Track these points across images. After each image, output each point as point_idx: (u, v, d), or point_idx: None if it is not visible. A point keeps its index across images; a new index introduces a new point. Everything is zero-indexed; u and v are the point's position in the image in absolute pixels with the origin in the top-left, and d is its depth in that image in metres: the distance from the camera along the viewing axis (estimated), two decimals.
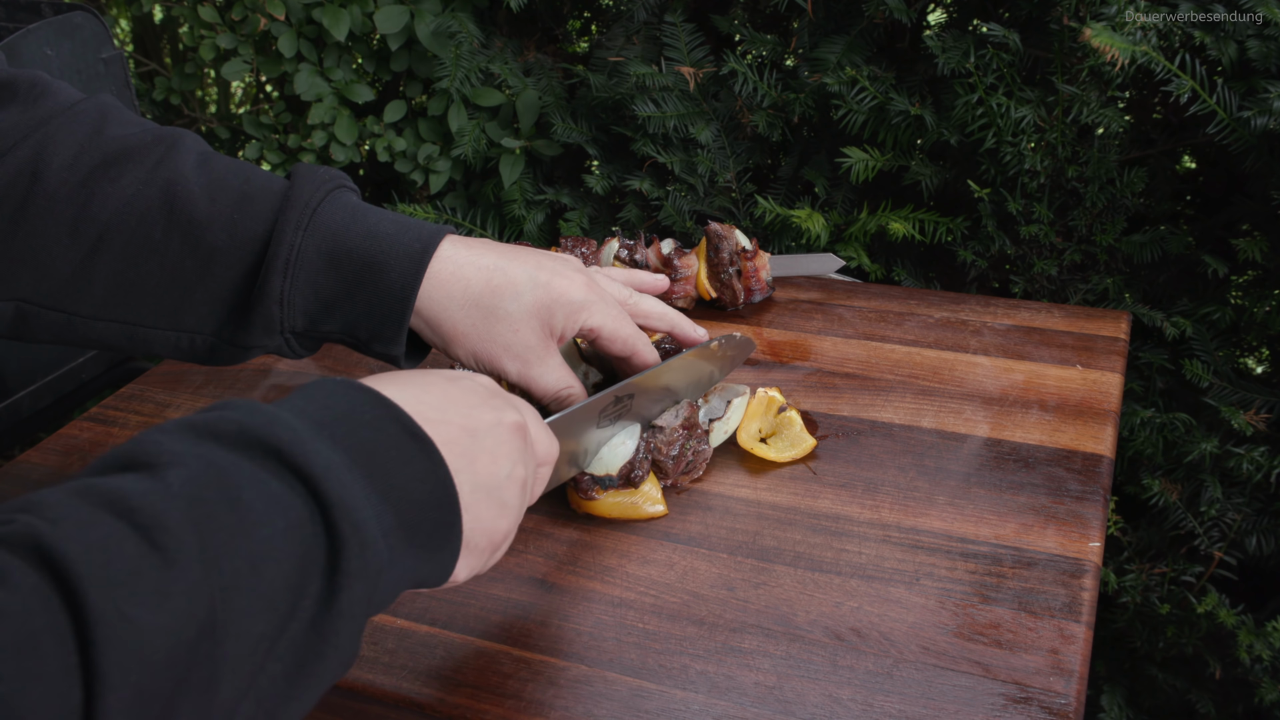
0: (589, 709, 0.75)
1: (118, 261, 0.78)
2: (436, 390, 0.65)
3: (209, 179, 0.79)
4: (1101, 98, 1.34)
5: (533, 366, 0.84)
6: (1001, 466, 0.97)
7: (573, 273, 0.86)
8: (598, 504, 0.91)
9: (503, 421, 0.67)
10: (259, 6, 1.75)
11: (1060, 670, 0.76)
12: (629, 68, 1.57)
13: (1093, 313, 1.22)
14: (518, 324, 0.82)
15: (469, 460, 0.63)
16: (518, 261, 0.84)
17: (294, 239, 0.78)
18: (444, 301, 0.81)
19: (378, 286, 0.79)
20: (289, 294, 0.79)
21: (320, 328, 0.81)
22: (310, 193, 0.79)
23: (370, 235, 0.80)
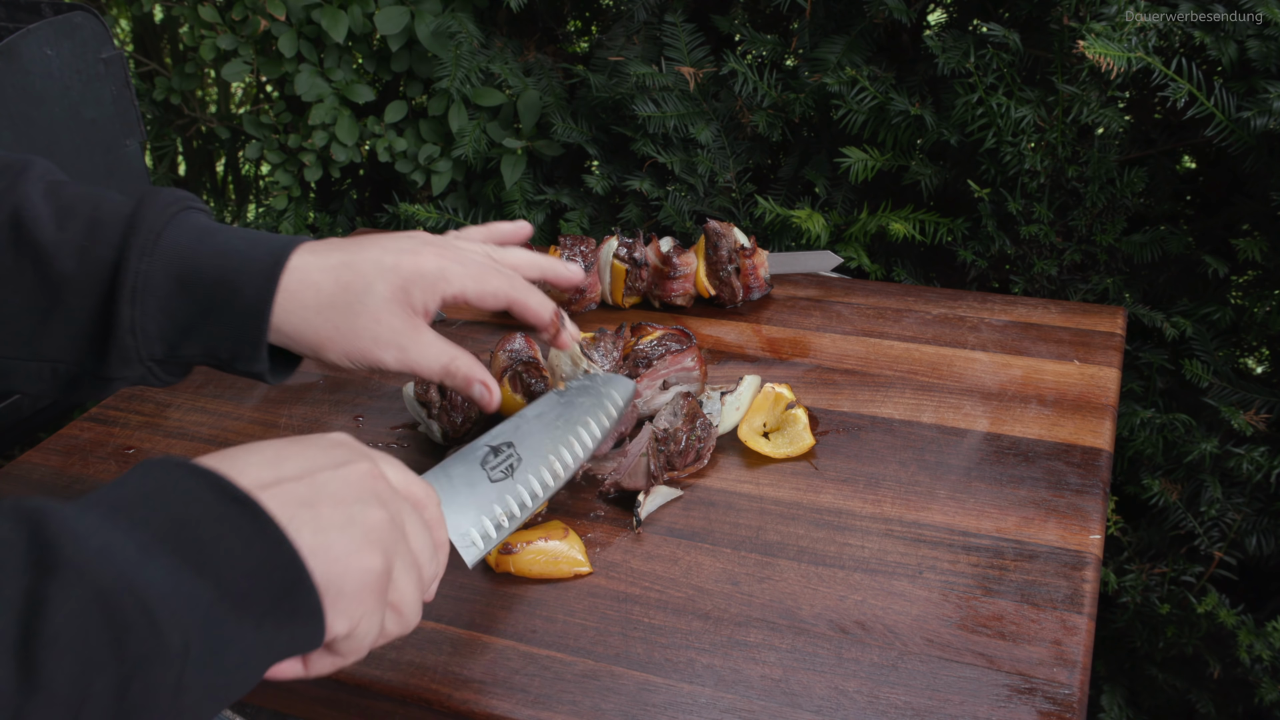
0: (596, 703, 0.75)
1: None
2: (270, 450, 0.61)
3: (57, 206, 0.77)
4: (1101, 98, 1.34)
5: (409, 349, 0.81)
6: (1001, 461, 0.97)
7: (420, 246, 0.83)
8: (517, 559, 0.87)
9: (348, 464, 0.62)
10: (259, 7, 1.75)
11: (1063, 661, 0.76)
12: (629, 68, 1.57)
13: (1089, 308, 1.22)
14: (378, 313, 0.80)
15: (309, 507, 0.58)
16: (364, 252, 0.81)
17: (139, 265, 0.75)
18: (299, 311, 0.78)
19: (231, 305, 0.77)
20: (140, 322, 0.76)
21: (179, 352, 0.79)
22: (155, 217, 0.77)
23: (219, 254, 0.77)
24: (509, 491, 0.80)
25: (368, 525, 0.60)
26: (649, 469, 0.92)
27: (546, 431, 0.87)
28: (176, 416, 1.12)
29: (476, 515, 0.77)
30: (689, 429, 0.96)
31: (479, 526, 0.77)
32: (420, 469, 1.00)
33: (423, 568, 0.64)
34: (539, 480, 0.83)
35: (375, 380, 1.15)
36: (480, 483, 0.79)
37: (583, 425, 0.89)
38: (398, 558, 0.62)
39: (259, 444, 0.62)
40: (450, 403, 1.00)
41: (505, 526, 0.78)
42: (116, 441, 1.08)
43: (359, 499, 0.61)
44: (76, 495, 0.99)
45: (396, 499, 0.64)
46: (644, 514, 0.92)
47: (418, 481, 0.68)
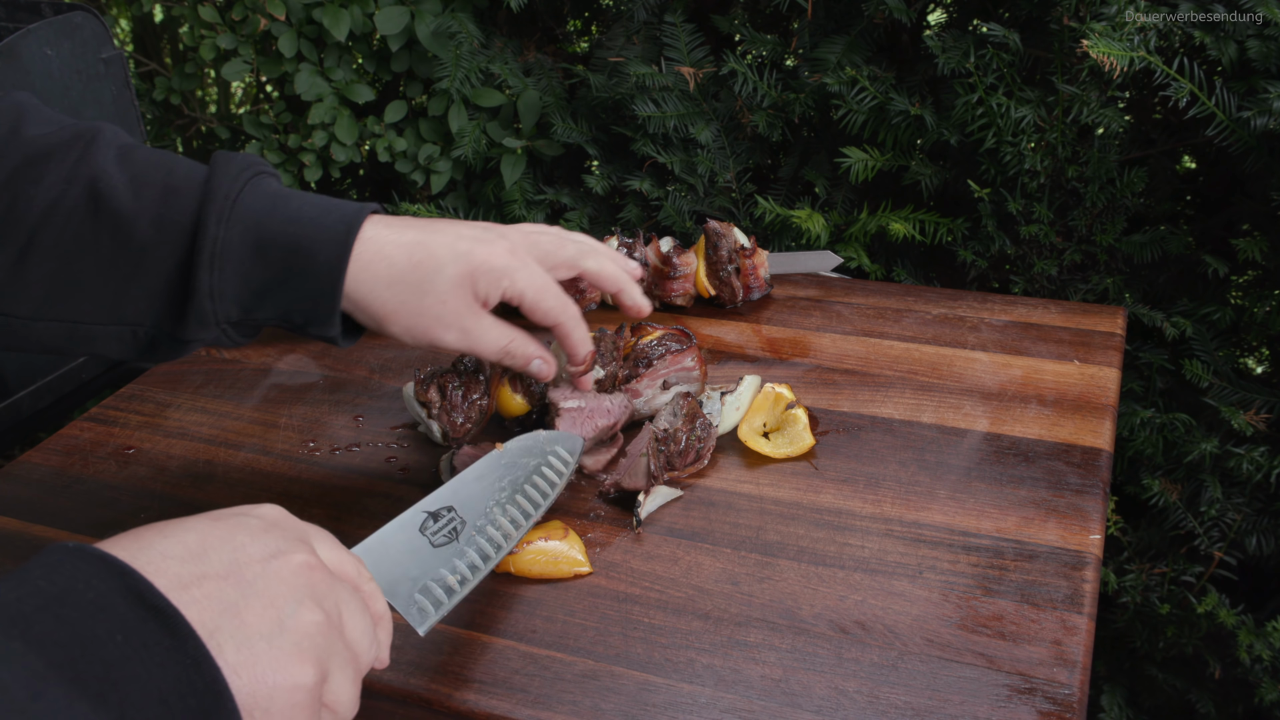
0: (596, 703, 0.75)
1: (50, 261, 0.77)
2: (193, 537, 0.56)
3: (131, 174, 0.79)
4: (1101, 98, 1.34)
5: (471, 332, 0.84)
6: (1001, 461, 0.97)
7: (495, 239, 0.85)
8: (517, 559, 0.87)
9: (281, 556, 0.58)
10: (259, 6, 1.75)
11: (1063, 661, 0.76)
12: (629, 68, 1.57)
13: (1089, 308, 1.22)
14: (444, 295, 0.82)
15: (235, 614, 0.54)
16: (439, 234, 0.84)
17: (216, 232, 0.77)
18: (370, 282, 0.80)
19: (306, 272, 0.79)
20: (217, 287, 0.78)
21: (254, 316, 0.81)
22: (229, 183, 0.79)
23: (293, 221, 0.79)
24: (455, 555, 0.76)
25: (300, 631, 0.55)
26: (649, 469, 0.92)
27: (489, 494, 0.84)
28: (176, 416, 1.12)
29: (422, 582, 0.73)
30: (689, 429, 0.96)
31: (427, 594, 0.72)
32: (420, 468, 1.00)
33: (360, 657, 0.60)
34: (487, 542, 0.79)
35: (375, 380, 1.15)
36: (422, 549, 0.75)
37: (529, 484, 0.86)
38: (333, 659, 0.57)
39: (183, 524, 0.57)
40: (450, 403, 1.00)
41: (457, 590, 0.74)
42: (116, 441, 1.08)
43: (292, 599, 0.56)
44: (76, 495, 0.99)
45: (334, 589, 0.60)
46: (644, 514, 0.92)
47: (349, 557, 0.65)
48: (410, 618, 0.71)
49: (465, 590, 0.74)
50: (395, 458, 1.03)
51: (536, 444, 0.91)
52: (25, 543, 0.94)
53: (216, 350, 1.24)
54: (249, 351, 1.23)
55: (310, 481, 1.00)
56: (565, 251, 0.90)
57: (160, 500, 0.99)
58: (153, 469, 1.04)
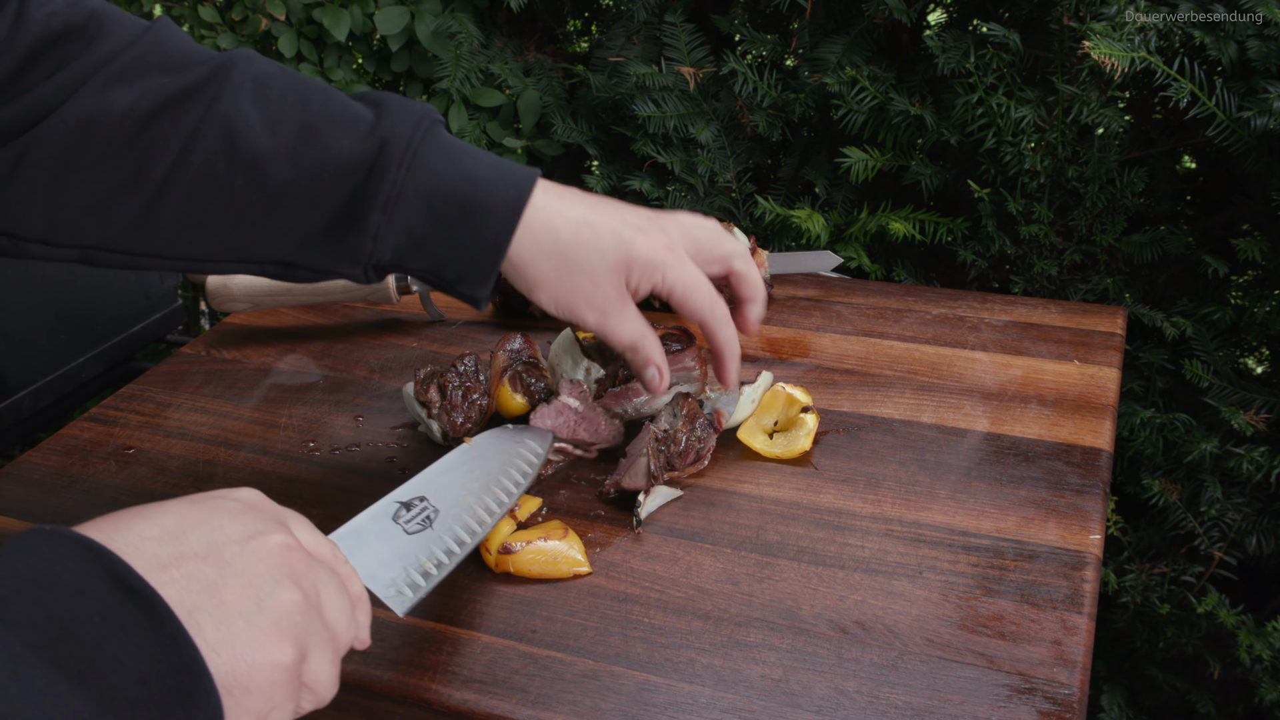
0: (596, 703, 0.75)
1: (183, 204, 0.77)
2: (171, 520, 0.57)
3: (267, 111, 0.78)
4: (1101, 98, 1.34)
5: (610, 318, 0.86)
6: (1001, 461, 0.97)
7: (656, 232, 0.86)
8: (516, 559, 0.87)
9: (259, 536, 0.58)
10: (259, 6, 1.75)
11: (1063, 661, 0.76)
12: (629, 68, 1.57)
13: (1089, 308, 1.22)
14: (599, 277, 0.84)
15: (214, 593, 0.54)
16: (605, 216, 0.84)
17: (396, 177, 0.77)
18: (533, 250, 0.81)
19: (472, 231, 0.79)
20: (383, 230, 0.78)
21: (405, 263, 0.81)
22: (411, 130, 0.79)
23: (467, 179, 0.79)
24: (431, 542, 0.77)
25: (279, 610, 0.56)
26: (649, 469, 0.92)
27: (461, 483, 0.84)
28: (176, 416, 1.12)
29: (399, 566, 0.74)
30: (689, 429, 0.96)
31: (404, 577, 0.73)
32: (420, 468, 1.00)
33: (339, 637, 0.61)
34: (462, 529, 0.80)
35: (375, 380, 1.16)
36: (396, 536, 0.76)
37: (501, 474, 0.87)
38: (312, 639, 0.58)
39: (161, 507, 0.58)
40: (450, 402, 1.00)
41: (434, 574, 0.75)
42: (116, 441, 1.08)
43: (270, 578, 0.57)
44: (76, 495, 0.99)
45: (312, 569, 0.60)
46: (644, 514, 0.92)
47: (325, 541, 0.65)
48: (389, 600, 0.71)
49: (443, 574, 0.75)
50: (395, 458, 1.03)
51: (506, 436, 0.93)
52: None
53: (216, 350, 1.24)
54: (249, 351, 1.23)
55: (310, 481, 1.00)
56: (722, 248, 0.91)
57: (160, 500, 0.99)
58: (153, 469, 1.04)
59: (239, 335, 1.27)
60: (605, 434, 0.99)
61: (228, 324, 1.29)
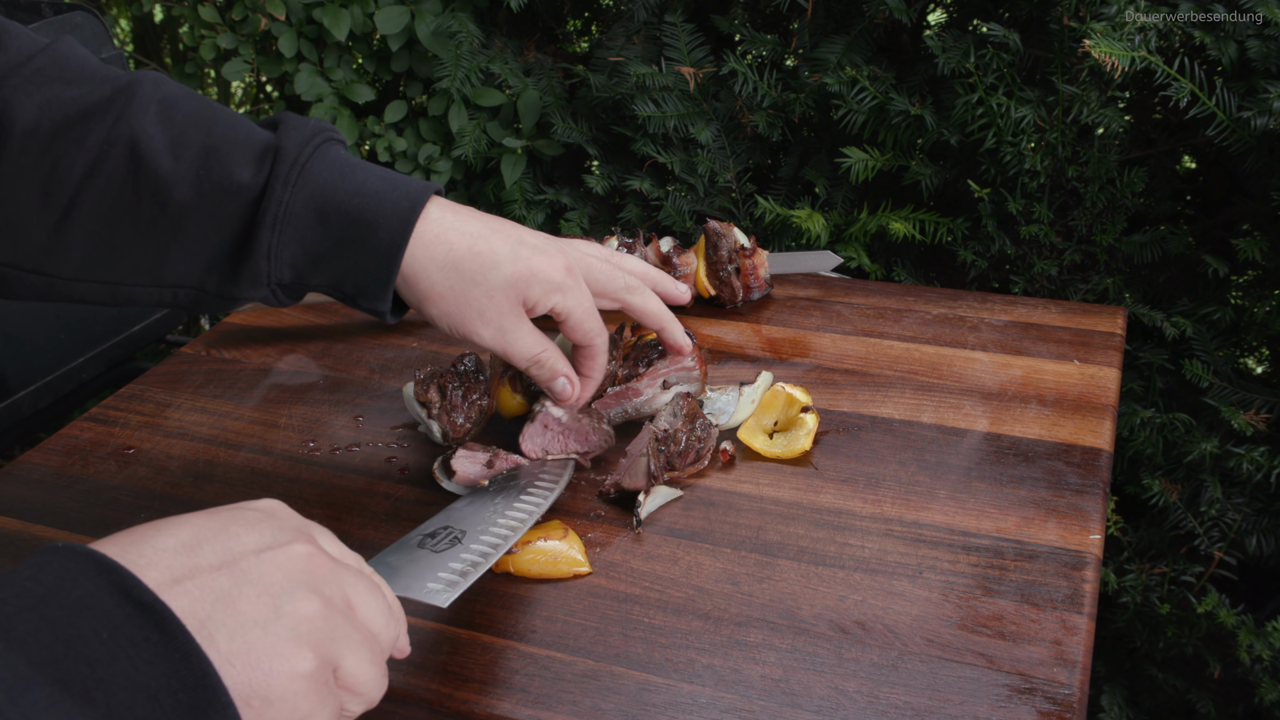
0: (596, 703, 0.75)
1: (91, 224, 0.77)
2: (187, 531, 0.55)
3: (171, 133, 0.78)
4: (1101, 98, 1.34)
5: (508, 333, 0.85)
6: (1001, 461, 0.97)
7: (555, 253, 0.86)
8: (516, 559, 0.86)
9: (278, 546, 0.57)
10: (259, 6, 1.75)
11: (1063, 661, 0.76)
12: (629, 68, 1.57)
13: (1089, 308, 1.22)
14: (493, 292, 0.83)
15: (228, 603, 0.53)
16: (501, 233, 0.84)
17: (282, 195, 0.77)
18: (425, 261, 0.81)
19: (365, 244, 0.79)
20: (276, 248, 0.78)
21: (307, 281, 0.81)
22: (299, 147, 0.79)
23: (359, 193, 0.79)
24: (462, 551, 0.78)
25: (297, 618, 0.55)
26: (649, 469, 0.92)
27: (483, 510, 0.85)
28: (176, 416, 1.12)
29: (434, 575, 0.74)
30: (689, 429, 0.96)
31: (442, 580, 0.73)
32: (420, 468, 1.00)
33: (378, 637, 0.60)
34: (492, 537, 0.80)
35: (375, 380, 1.16)
36: (425, 557, 0.77)
37: (522, 494, 0.88)
38: (339, 644, 0.56)
39: (178, 520, 0.57)
40: (450, 403, 1.00)
41: (474, 571, 0.75)
42: (116, 441, 1.08)
43: (289, 586, 0.55)
44: (76, 495, 0.99)
45: (336, 575, 0.59)
46: (644, 514, 0.92)
47: (351, 552, 0.64)
48: (429, 598, 0.71)
49: (482, 569, 0.76)
50: (395, 458, 1.03)
51: (522, 473, 0.94)
52: (25, 543, 0.94)
53: (216, 350, 1.24)
54: (249, 351, 1.23)
55: (310, 481, 1.00)
56: (615, 283, 0.91)
57: (160, 500, 0.99)
58: (153, 469, 1.04)
59: (239, 335, 1.27)
60: (595, 441, 0.99)
61: (228, 324, 1.29)
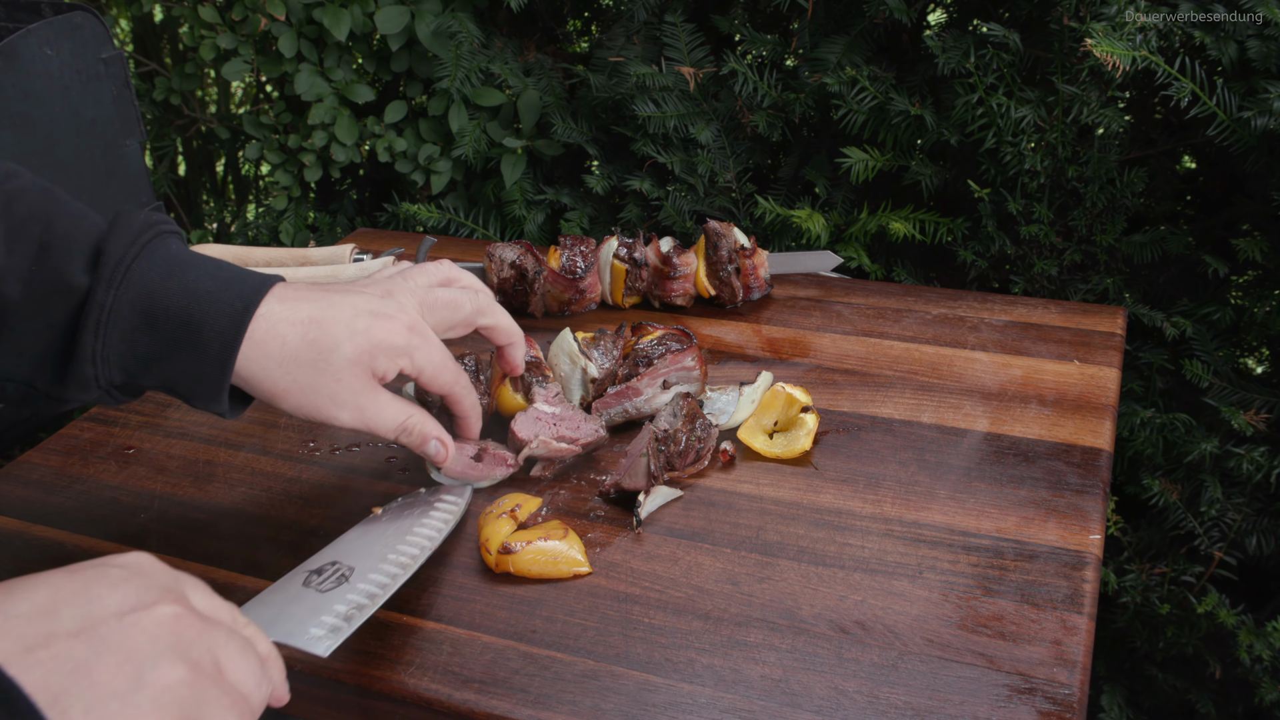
0: (596, 703, 0.75)
1: None
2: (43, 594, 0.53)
3: (8, 225, 0.75)
4: (1101, 98, 1.34)
5: (367, 410, 0.82)
6: (1001, 461, 0.97)
7: (394, 313, 0.84)
8: (516, 559, 0.86)
9: (142, 608, 0.54)
10: (259, 6, 1.75)
11: (1063, 661, 0.76)
12: (629, 68, 1.57)
13: (1089, 308, 1.22)
14: (340, 374, 0.80)
15: (85, 674, 0.50)
16: (335, 309, 0.81)
17: (104, 298, 0.74)
18: (262, 361, 0.78)
19: (196, 346, 0.76)
20: (102, 352, 0.75)
21: (139, 382, 0.78)
22: (125, 247, 0.76)
23: (188, 293, 0.76)
24: (350, 593, 0.75)
25: (160, 687, 0.52)
26: (649, 469, 0.92)
27: (375, 543, 0.82)
28: (176, 416, 1.12)
29: (316, 620, 0.71)
30: (689, 429, 0.96)
31: (325, 626, 0.71)
32: (420, 468, 1.00)
33: (248, 699, 0.58)
34: (382, 576, 0.77)
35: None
36: (309, 597, 0.74)
37: (418, 526, 0.85)
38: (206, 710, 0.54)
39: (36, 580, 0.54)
40: None
41: (357, 617, 0.73)
42: (116, 441, 1.08)
43: (152, 653, 0.53)
44: (76, 495, 0.99)
45: (205, 636, 0.56)
46: (644, 514, 0.92)
47: (223, 605, 0.62)
48: (308, 645, 0.69)
49: (367, 614, 0.73)
50: (395, 458, 1.03)
51: (418, 500, 0.92)
52: (25, 543, 0.94)
53: None
54: None
55: (310, 481, 1.00)
56: (461, 312, 0.89)
57: (160, 500, 0.99)
58: (153, 469, 1.04)
59: None
60: (586, 430, 0.99)
61: None
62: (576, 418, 0.99)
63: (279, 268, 1.24)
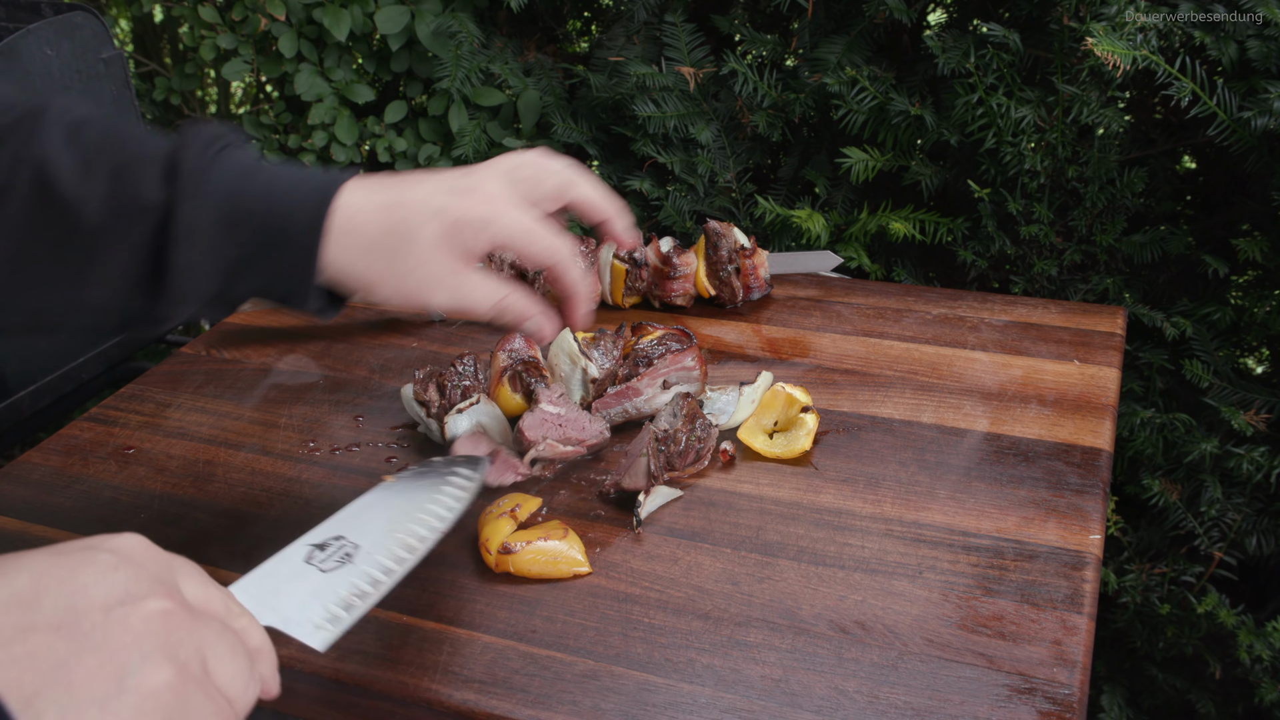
0: (596, 703, 0.75)
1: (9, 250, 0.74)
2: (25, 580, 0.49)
3: (80, 156, 0.75)
4: (1101, 98, 1.34)
5: (460, 290, 0.79)
6: (1001, 461, 0.97)
7: (473, 187, 0.80)
8: (516, 559, 0.86)
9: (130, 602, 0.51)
10: (259, 7, 1.75)
11: (1063, 661, 0.76)
12: (629, 68, 1.57)
13: (1089, 308, 1.22)
14: (425, 256, 0.77)
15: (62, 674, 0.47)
16: (412, 191, 0.79)
17: (185, 208, 0.74)
18: (347, 252, 0.77)
19: (281, 246, 0.76)
20: (191, 263, 0.75)
21: (234, 290, 0.78)
22: (196, 157, 0.75)
23: (266, 194, 0.76)
24: (352, 575, 0.71)
25: (143, 692, 0.49)
26: (649, 469, 0.92)
27: (382, 518, 0.78)
28: (176, 416, 1.12)
29: (317, 605, 0.68)
30: (689, 429, 0.96)
31: (323, 613, 0.67)
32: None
33: (235, 702, 0.55)
34: (388, 558, 0.74)
35: (375, 380, 1.16)
36: (311, 577, 0.70)
37: (428, 501, 0.80)
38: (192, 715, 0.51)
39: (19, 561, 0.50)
40: (449, 402, 1.00)
41: (358, 605, 0.69)
42: (116, 441, 1.08)
43: (138, 653, 0.49)
44: (76, 495, 0.99)
45: (195, 634, 0.53)
46: (644, 514, 0.92)
47: (217, 592, 0.59)
48: (306, 638, 0.66)
49: (369, 603, 0.70)
50: (395, 458, 1.03)
51: (432, 468, 0.87)
52: (25, 543, 0.94)
53: (216, 350, 1.24)
54: (249, 351, 1.23)
55: (310, 481, 1.00)
56: (548, 184, 0.84)
57: (160, 500, 0.99)
58: (153, 469, 1.04)
59: (239, 335, 1.27)
60: (592, 430, 0.99)
61: (228, 324, 1.29)
62: (581, 418, 0.99)
63: None
